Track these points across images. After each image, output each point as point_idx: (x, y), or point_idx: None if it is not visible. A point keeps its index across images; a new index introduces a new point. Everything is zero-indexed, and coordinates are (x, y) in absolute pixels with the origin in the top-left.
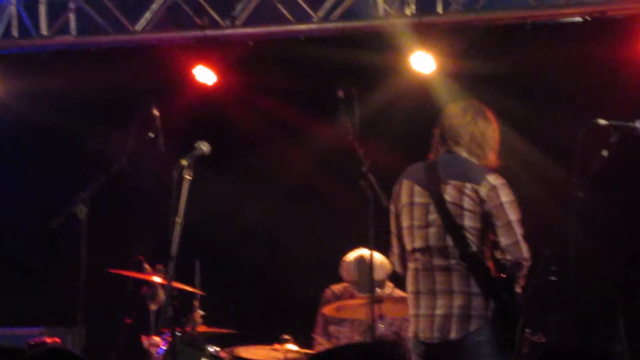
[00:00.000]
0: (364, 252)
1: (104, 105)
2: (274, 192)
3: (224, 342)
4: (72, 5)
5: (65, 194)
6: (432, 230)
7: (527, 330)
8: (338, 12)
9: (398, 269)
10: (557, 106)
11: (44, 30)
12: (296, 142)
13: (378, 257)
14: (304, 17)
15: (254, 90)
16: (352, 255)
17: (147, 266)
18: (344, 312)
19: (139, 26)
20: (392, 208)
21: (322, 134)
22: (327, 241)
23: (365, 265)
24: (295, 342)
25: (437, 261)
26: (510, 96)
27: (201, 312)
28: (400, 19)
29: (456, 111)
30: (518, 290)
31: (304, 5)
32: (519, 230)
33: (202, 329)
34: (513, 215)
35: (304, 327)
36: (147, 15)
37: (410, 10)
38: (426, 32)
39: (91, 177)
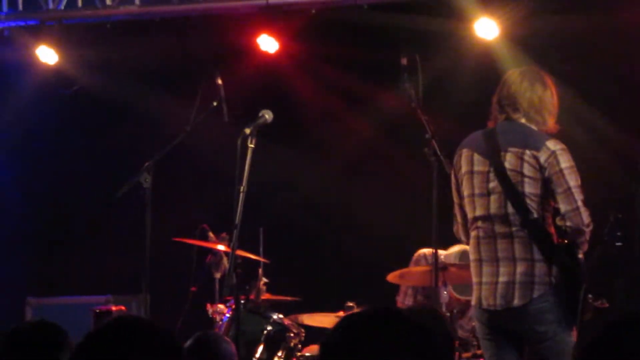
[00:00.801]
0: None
1: (168, 74)
2: (338, 160)
3: (288, 309)
4: None
5: (129, 163)
6: (492, 198)
7: (590, 295)
8: None
9: (462, 239)
10: (622, 70)
11: (108, 0)
12: (359, 110)
13: None
14: None
15: (316, 58)
16: (455, 248)
17: (211, 234)
18: (407, 280)
19: None
20: (452, 178)
21: (385, 101)
22: (391, 208)
23: (467, 260)
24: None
25: (499, 229)
26: (574, 61)
27: (265, 280)
28: None
29: (513, 78)
30: (580, 256)
31: None
32: (579, 197)
33: (266, 296)
34: (573, 181)
35: (368, 294)
36: None
37: None
38: None
39: (156, 146)
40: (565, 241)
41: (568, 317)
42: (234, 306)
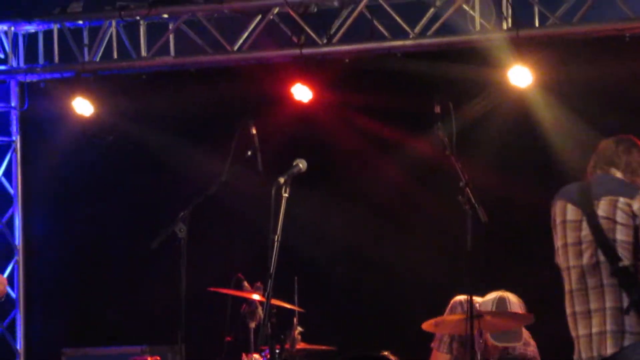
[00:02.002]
0: (506, 294)
1: (202, 124)
2: (371, 208)
3: (323, 358)
4: (171, 26)
5: (164, 212)
6: (584, 247)
7: None
8: (434, 27)
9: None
10: None
11: (143, 52)
12: (393, 158)
13: (515, 301)
14: (400, 33)
15: (350, 107)
16: (492, 295)
17: (246, 284)
18: (442, 328)
19: (236, 46)
20: (553, 230)
21: (419, 149)
22: (426, 256)
23: (504, 307)
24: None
25: (590, 278)
26: (608, 108)
27: (300, 329)
28: (497, 33)
29: (608, 144)
30: None
31: (401, 22)
32: None
33: (301, 345)
34: None
35: (402, 343)
36: (245, 34)
37: (506, 24)
38: (523, 46)
39: (190, 195)
40: None
41: None
42: (269, 356)
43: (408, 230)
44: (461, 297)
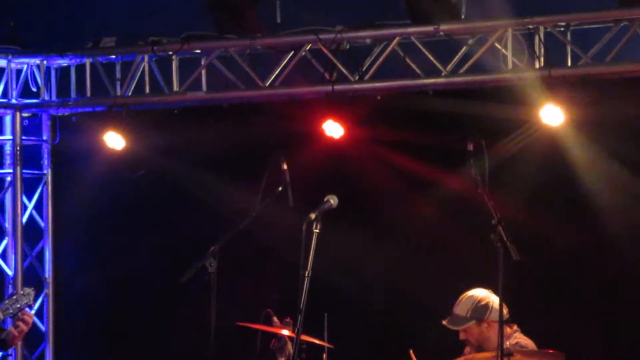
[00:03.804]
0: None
1: (234, 159)
2: (402, 245)
3: None
4: (203, 61)
5: (194, 247)
6: None
7: None
8: (467, 65)
9: None
10: None
11: (175, 86)
12: (425, 195)
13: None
14: (432, 71)
15: (381, 144)
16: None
17: (275, 319)
18: None
19: (268, 81)
20: None
21: (451, 186)
22: (457, 294)
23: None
24: None
25: None
26: None
27: None
28: (529, 72)
29: None
30: None
31: (433, 59)
32: None
33: None
34: None
35: None
36: (277, 70)
37: (539, 63)
38: (555, 85)
39: (220, 230)
40: None
41: None
42: None
43: (439, 267)
44: None
